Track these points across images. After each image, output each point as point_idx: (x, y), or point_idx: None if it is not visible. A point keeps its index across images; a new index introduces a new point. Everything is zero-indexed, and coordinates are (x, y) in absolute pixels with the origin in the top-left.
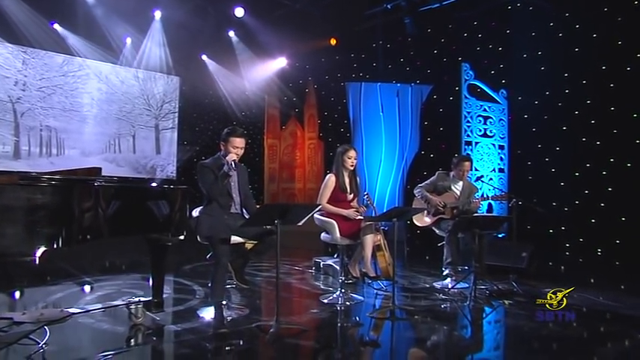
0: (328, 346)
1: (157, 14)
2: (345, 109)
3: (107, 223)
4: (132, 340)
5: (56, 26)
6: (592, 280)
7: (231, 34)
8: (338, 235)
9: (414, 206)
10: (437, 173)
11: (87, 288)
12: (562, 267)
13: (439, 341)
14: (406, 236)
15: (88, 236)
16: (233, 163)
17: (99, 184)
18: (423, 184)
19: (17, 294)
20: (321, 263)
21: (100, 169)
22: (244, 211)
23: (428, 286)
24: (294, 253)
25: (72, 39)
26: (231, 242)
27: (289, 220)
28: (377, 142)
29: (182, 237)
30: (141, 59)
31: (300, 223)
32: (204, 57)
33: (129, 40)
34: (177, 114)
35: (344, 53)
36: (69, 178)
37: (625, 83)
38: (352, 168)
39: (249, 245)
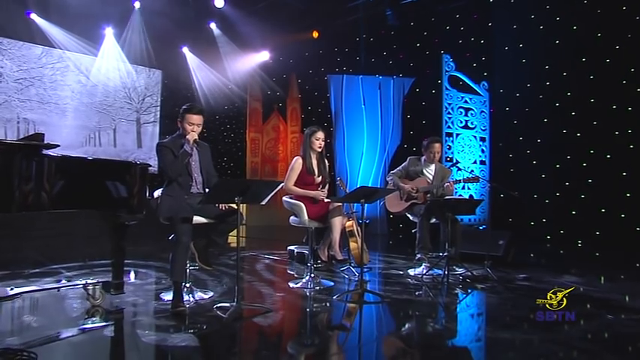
0: (289, 326)
1: (137, 4)
2: (328, 102)
3: (51, 194)
4: (84, 321)
5: (33, 16)
6: (572, 271)
7: (213, 26)
8: (306, 217)
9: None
10: (408, 158)
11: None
12: (543, 260)
13: (406, 325)
14: (389, 230)
15: (29, 204)
16: (195, 143)
17: (45, 153)
18: (395, 170)
19: None
20: (295, 251)
21: (42, 134)
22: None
23: (402, 273)
24: (276, 245)
25: (51, 30)
26: (195, 223)
27: (250, 198)
28: (359, 134)
29: (141, 216)
30: (122, 52)
31: (263, 203)
32: (185, 50)
33: (109, 32)
34: (159, 107)
35: (327, 47)
36: (9, 143)
37: (604, 75)
38: (320, 150)
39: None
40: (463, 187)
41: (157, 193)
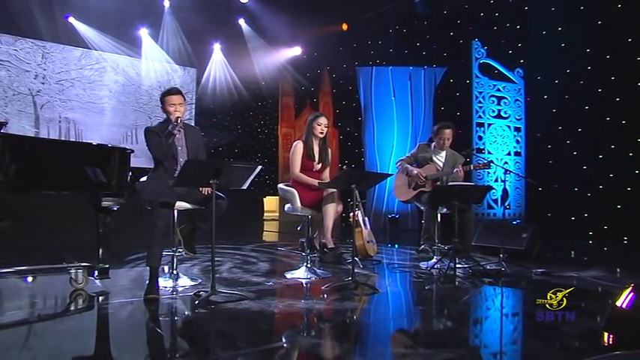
0: (258, 314)
1: (166, 3)
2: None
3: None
4: (58, 305)
5: (71, 19)
6: (618, 270)
7: (242, 22)
8: (299, 204)
9: (396, 182)
10: (417, 144)
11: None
12: (585, 257)
13: (391, 317)
14: (420, 224)
15: None
16: (178, 120)
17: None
18: (404, 156)
19: None
20: (305, 242)
21: None
22: None
23: (410, 265)
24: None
25: (88, 33)
26: (180, 208)
27: (227, 181)
28: (389, 127)
29: (122, 200)
30: (161, 51)
31: (244, 187)
32: (217, 46)
33: (144, 32)
34: (194, 105)
35: (360, 40)
36: None
37: None
38: (322, 135)
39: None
40: (496, 180)
41: (144, 178)
